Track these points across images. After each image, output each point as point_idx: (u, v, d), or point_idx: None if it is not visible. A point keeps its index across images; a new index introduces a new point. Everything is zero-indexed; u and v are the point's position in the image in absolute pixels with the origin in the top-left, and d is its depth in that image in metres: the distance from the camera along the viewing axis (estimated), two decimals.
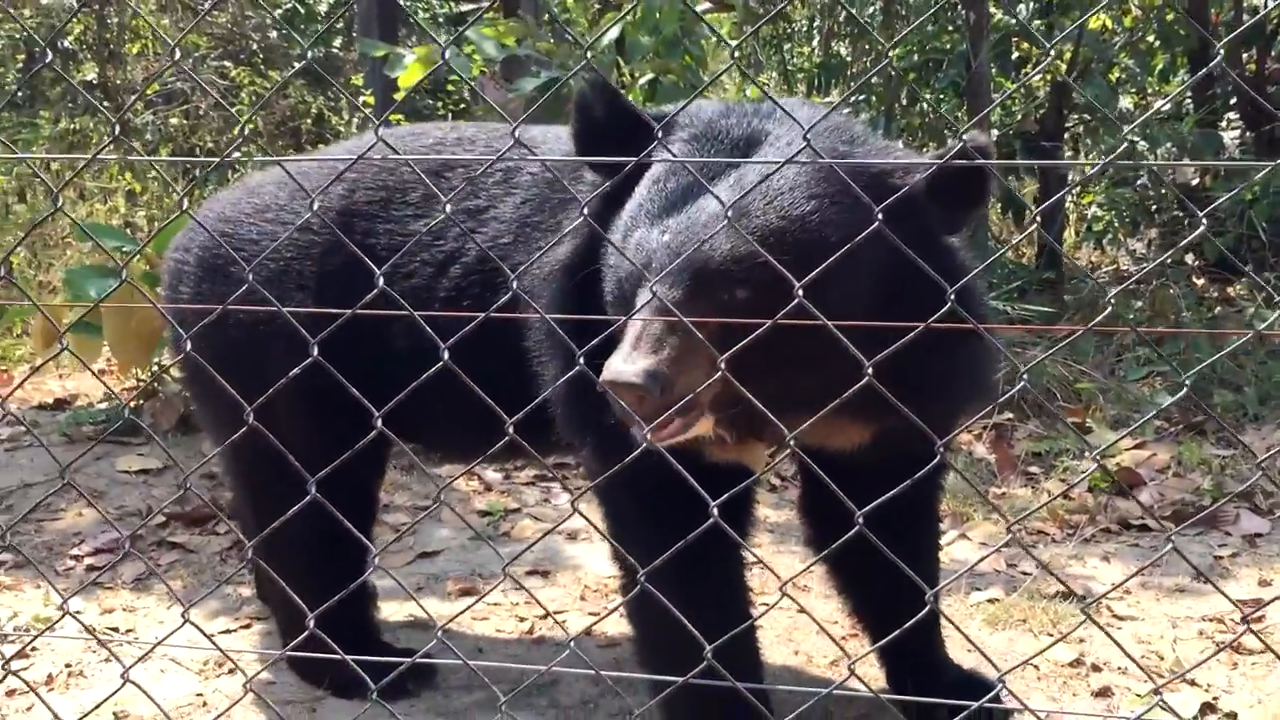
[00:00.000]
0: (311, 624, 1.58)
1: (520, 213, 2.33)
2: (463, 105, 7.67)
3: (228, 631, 3.02)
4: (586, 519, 1.80)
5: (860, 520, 1.48)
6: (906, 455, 2.09)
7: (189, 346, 1.68)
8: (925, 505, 2.49)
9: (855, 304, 1.74)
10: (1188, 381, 1.49)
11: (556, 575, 3.32)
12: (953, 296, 1.39)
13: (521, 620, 3.05)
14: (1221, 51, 1.55)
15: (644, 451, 1.73)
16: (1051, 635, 2.86)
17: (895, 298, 1.79)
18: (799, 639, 2.89)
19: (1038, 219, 5.21)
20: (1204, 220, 1.51)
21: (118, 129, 1.47)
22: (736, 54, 1.59)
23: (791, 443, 1.53)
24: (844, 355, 1.49)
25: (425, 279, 2.35)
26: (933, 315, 1.45)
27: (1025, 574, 3.21)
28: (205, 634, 1.80)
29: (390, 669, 2.57)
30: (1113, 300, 1.57)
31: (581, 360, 1.53)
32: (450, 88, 7.78)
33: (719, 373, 1.53)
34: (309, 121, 8.99)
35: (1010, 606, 2.97)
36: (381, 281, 1.48)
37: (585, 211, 1.55)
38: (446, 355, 1.46)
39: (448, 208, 1.47)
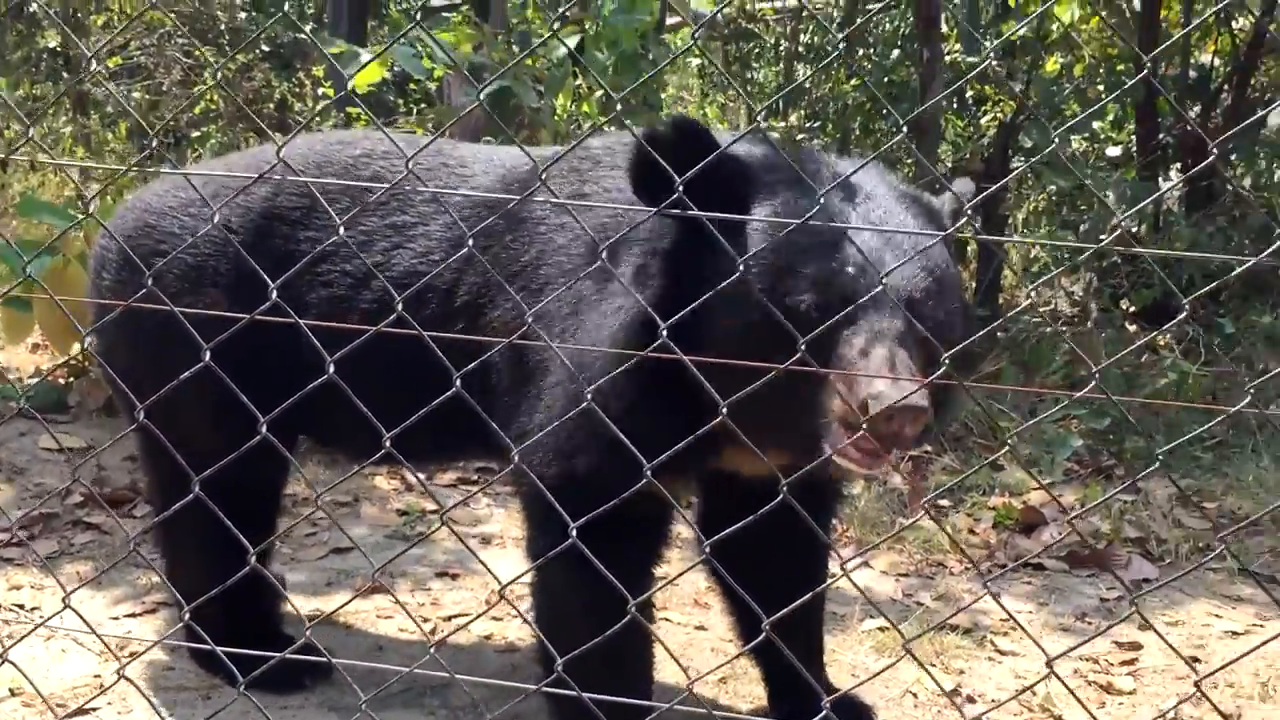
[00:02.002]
0: (186, 616, 1.63)
1: (454, 233, 2.35)
2: (424, 103, 7.70)
3: (132, 615, 3.05)
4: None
5: (707, 550, 1.56)
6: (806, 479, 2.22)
7: (88, 340, 1.73)
8: (816, 532, 2.58)
9: None
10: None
11: (465, 579, 3.38)
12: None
13: (425, 621, 3.11)
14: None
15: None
16: (935, 666, 2.96)
17: None
18: (692, 655, 2.97)
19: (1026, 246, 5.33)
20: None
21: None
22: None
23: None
24: None
25: (345, 289, 2.38)
26: None
27: (919, 604, 3.32)
28: (82, 618, 1.84)
29: (287, 662, 2.63)
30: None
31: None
32: (413, 86, 7.80)
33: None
34: (271, 106, 8.96)
35: (898, 636, 3.06)
36: (275, 295, 1.54)
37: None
38: (332, 369, 1.52)
39: (341, 229, 1.51)
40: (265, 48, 9.65)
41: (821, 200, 1.64)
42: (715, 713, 2.45)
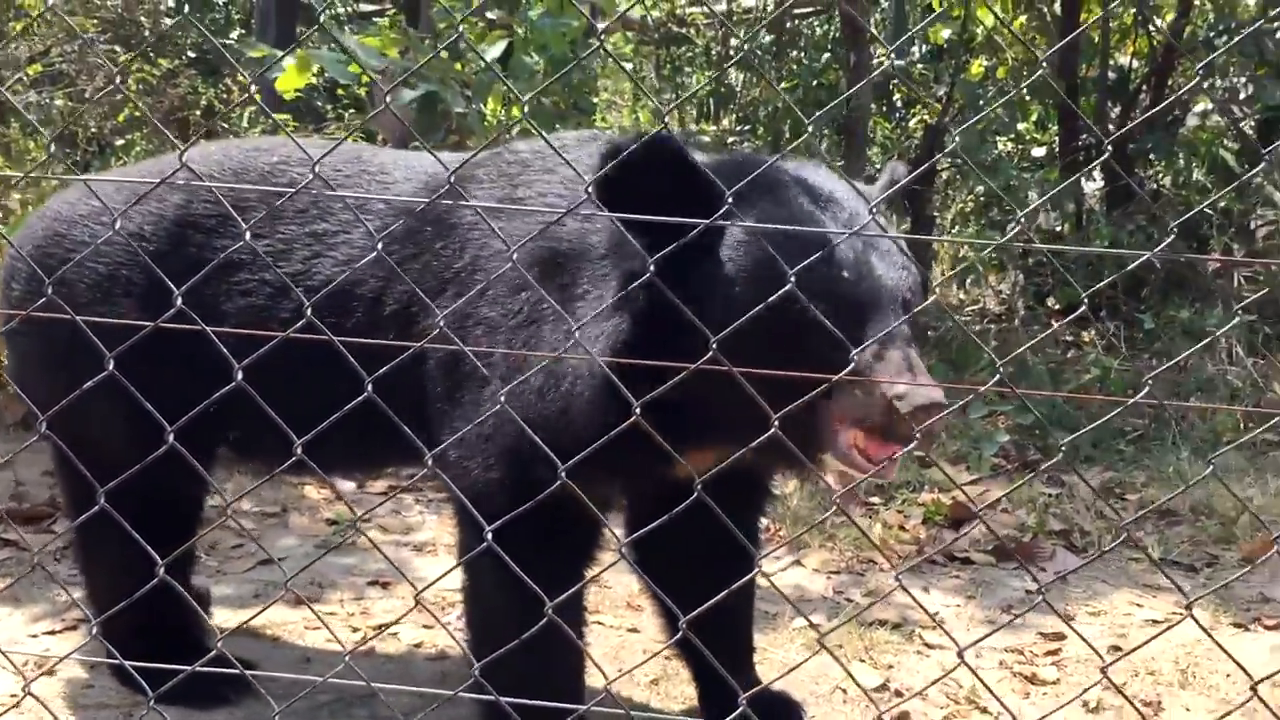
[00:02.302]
0: (95, 631, 1.59)
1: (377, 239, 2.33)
2: (354, 109, 7.62)
3: (52, 633, 2.98)
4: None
5: (623, 549, 1.56)
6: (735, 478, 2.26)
7: (7, 349, 1.69)
8: (745, 529, 2.60)
9: None
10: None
11: (397, 587, 3.35)
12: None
13: (354, 630, 3.08)
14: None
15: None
16: (865, 662, 2.99)
17: None
18: (624, 658, 2.97)
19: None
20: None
21: None
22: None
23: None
24: None
25: (265, 299, 2.34)
26: None
27: (850, 600, 3.35)
28: None
29: (207, 676, 2.59)
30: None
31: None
32: (340, 92, 7.73)
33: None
34: (198, 113, 8.82)
35: (826, 633, 3.09)
36: (180, 301, 1.51)
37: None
38: (240, 375, 1.50)
39: (248, 235, 1.49)
40: (191, 54, 9.50)
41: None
42: (634, 713, 2.46)
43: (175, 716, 2.23)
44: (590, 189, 1.78)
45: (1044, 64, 1.45)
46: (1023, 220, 1.58)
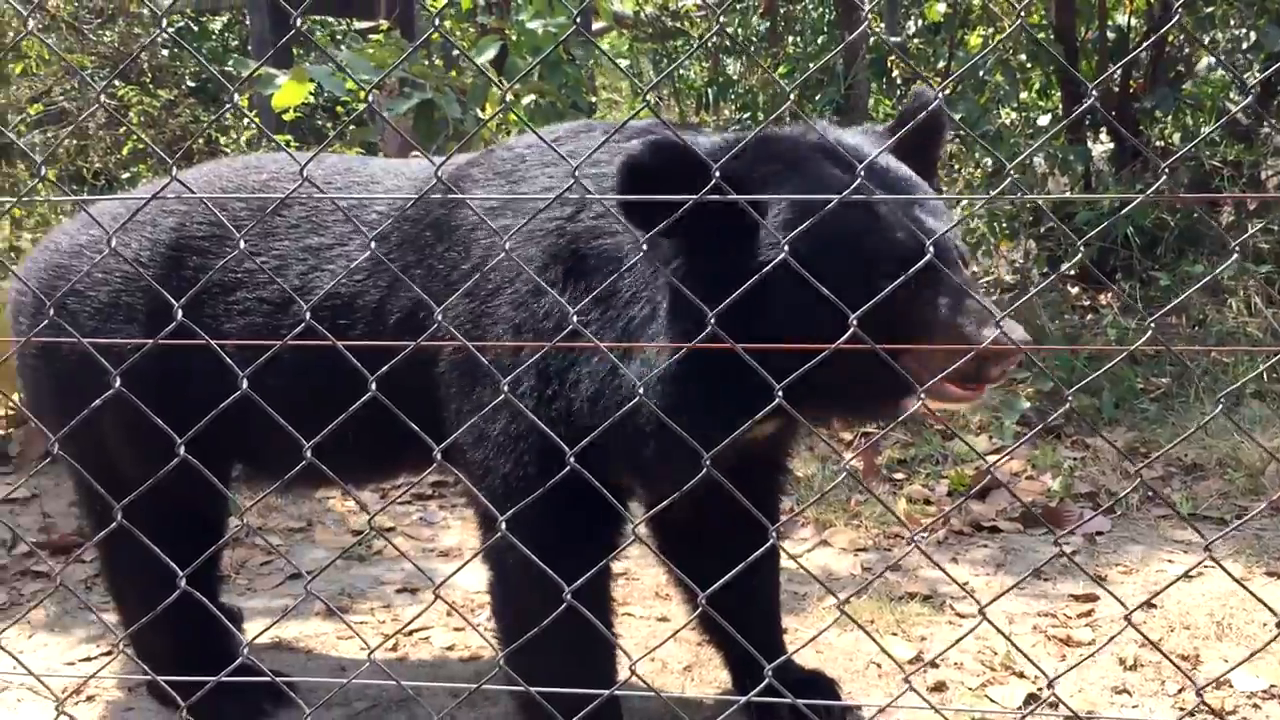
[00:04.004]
0: (126, 646, 1.60)
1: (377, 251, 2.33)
2: (353, 125, 7.64)
3: (89, 659, 3.01)
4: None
5: (636, 530, 1.56)
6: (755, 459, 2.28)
7: (20, 382, 1.70)
8: (766, 511, 2.60)
9: None
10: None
11: (424, 593, 3.36)
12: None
13: (387, 638, 3.09)
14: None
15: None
16: (897, 635, 2.98)
17: None
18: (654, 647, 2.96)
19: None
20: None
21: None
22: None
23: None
24: None
25: (263, 317, 2.34)
26: None
27: (878, 577, 3.34)
28: (15, 657, 1.81)
29: (246, 691, 2.61)
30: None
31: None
32: (340, 109, 7.76)
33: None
34: (201, 141, 8.88)
35: (859, 609, 3.09)
36: (180, 314, 1.52)
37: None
38: (245, 384, 1.51)
39: (241, 244, 1.49)
40: (191, 83, 9.55)
41: (860, 175, 1.69)
42: (667, 695, 2.46)
43: None
44: (614, 208, 1.81)
45: (1026, 28, 1.43)
46: (1013, 174, 1.55)
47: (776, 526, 1.76)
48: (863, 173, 1.83)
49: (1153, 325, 1.40)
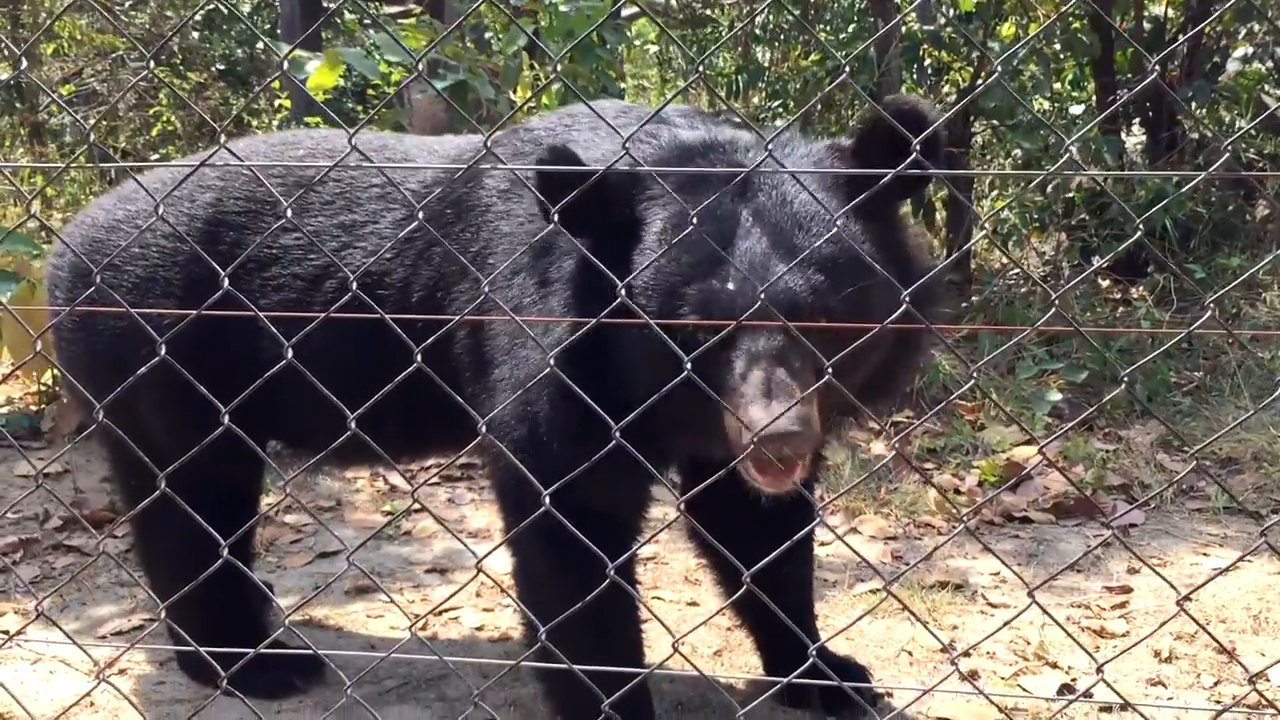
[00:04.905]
0: (163, 615, 1.61)
1: (404, 229, 2.31)
2: (385, 108, 7.64)
3: (120, 633, 3.02)
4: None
5: (681, 506, 1.55)
6: None
7: (56, 355, 1.70)
8: (798, 499, 2.58)
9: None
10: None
11: (454, 574, 3.36)
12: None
13: (418, 617, 3.09)
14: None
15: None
16: (928, 623, 2.96)
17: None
18: (685, 630, 2.96)
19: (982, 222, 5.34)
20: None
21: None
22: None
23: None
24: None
25: (298, 292, 2.35)
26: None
27: (908, 565, 3.32)
28: (60, 627, 1.81)
29: (278, 665, 2.61)
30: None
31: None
32: (371, 92, 7.76)
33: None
34: (230, 123, 8.91)
35: (889, 594, 3.06)
36: (227, 282, 1.52)
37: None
38: (290, 353, 1.50)
39: (289, 213, 1.49)
40: (220, 66, 9.58)
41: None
42: (707, 675, 2.45)
43: (247, 706, 2.24)
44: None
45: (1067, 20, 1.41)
46: (1072, 149, 1.50)
47: (822, 507, 1.72)
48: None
49: (1211, 305, 1.37)
